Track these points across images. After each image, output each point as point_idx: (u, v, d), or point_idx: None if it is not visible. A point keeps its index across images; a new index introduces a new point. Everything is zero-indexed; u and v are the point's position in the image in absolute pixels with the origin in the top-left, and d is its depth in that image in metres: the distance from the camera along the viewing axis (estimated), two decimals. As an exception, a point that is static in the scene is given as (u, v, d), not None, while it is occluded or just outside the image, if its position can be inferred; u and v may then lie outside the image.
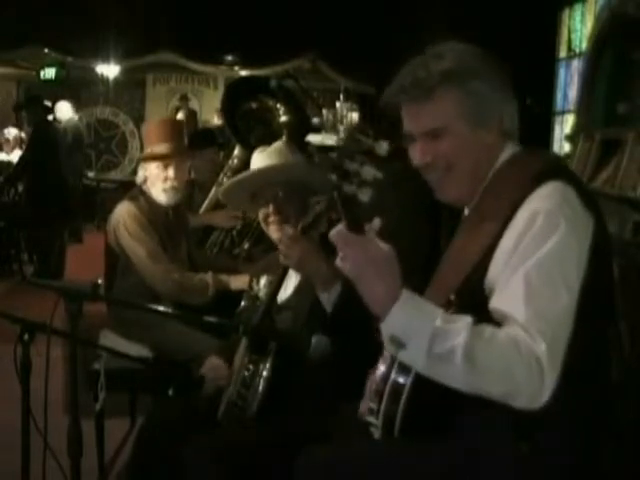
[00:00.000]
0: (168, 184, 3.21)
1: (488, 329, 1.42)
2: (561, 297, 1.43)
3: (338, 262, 1.47)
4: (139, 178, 3.28)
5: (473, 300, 1.52)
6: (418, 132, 1.66)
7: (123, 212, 3.19)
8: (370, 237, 1.45)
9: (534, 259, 1.44)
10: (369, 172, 1.43)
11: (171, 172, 3.20)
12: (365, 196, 1.44)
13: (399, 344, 1.42)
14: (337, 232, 1.46)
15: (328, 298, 2.10)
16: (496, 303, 1.47)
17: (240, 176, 2.60)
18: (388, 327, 1.43)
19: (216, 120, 9.67)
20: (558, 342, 1.41)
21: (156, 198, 3.23)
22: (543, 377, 1.38)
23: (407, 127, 1.68)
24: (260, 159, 2.53)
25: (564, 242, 1.45)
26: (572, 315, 1.44)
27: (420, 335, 1.40)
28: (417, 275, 1.59)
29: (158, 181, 3.21)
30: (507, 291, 1.46)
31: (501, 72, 1.66)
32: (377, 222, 1.49)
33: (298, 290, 2.33)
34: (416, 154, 1.67)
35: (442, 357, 1.39)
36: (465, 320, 1.42)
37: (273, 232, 2.41)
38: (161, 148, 3.23)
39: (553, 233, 1.45)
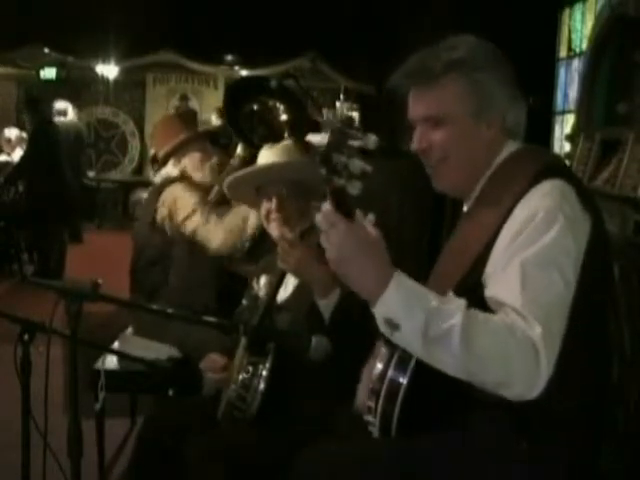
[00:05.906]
0: (212, 160, 3.40)
1: (482, 313, 1.41)
2: (557, 285, 1.43)
3: (322, 242, 1.43)
4: (171, 173, 3.35)
5: (472, 295, 1.52)
6: (418, 117, 1.66)
7: (176, 191, 3.26)
8: (358, 221, 1.43)
9: (531, 250, 1.44)
10: (357, 165, 1.41)
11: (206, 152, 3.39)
12: (355, 189, 1.41)
13: (394, 326, 1.40)
14: (323, 213, 1.43)
15: (327, 305, 2.10)
16: (492, 291, 1.47)
17: (246, 170, 2.58)
18: (382, 309, 1.41)
19: (214, 120, 9.64)
20: (553, 329, 1.40)
21: (203, 180, 3.33)
22: (539, 363, 1.36)
23: (410, 113, 1.68)
24: (267, 155, 2.52)
25: (561, 236, 1.46)
26: (568, 305, 1.44)
27: (415, 315, 1.37)
28: (417, 269, 1.58)
29: (204, 161, 3.36)
30: (503, 279, 1.45)
31: (511, 72, 1.67)
32: (371, 217, 1.48)
33: (298, 290, 2.33)
34: (414, 139, 1.68)
35: (439, 339, 1.36)
36: (459, 302, 1.41)
37: (273, 229, 2.41)
38: (187, 134, 3.37)
39: (551, 228, 1.46)
